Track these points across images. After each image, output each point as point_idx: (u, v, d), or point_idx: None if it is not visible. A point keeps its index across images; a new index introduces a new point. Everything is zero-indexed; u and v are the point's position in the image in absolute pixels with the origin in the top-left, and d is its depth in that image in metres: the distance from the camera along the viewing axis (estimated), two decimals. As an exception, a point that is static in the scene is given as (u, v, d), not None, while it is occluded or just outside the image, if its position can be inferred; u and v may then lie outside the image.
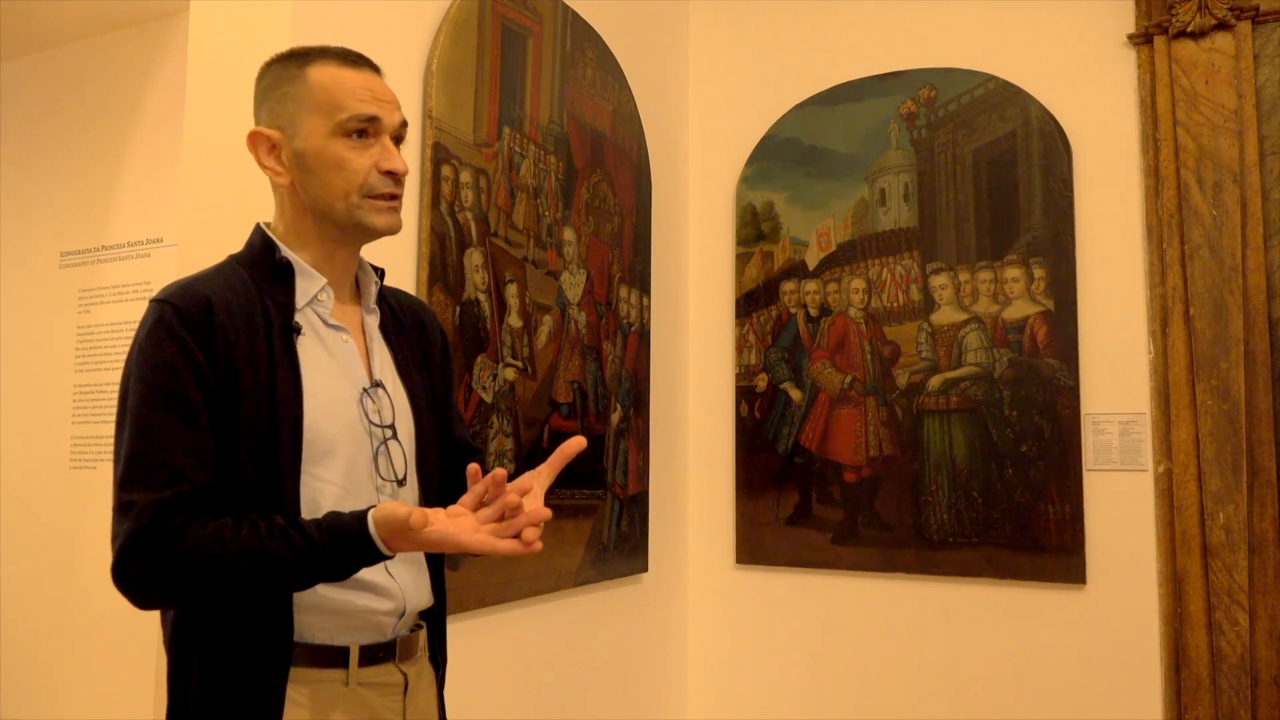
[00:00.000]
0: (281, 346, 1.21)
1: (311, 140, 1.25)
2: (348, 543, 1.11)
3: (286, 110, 1.27)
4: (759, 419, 2.96)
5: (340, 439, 1.22)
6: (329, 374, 1.24)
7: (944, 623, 2.70)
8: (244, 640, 1.15)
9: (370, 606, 1.23)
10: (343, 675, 1.20)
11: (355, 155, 1.25)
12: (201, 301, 1.18)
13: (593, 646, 2.54)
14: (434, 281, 1.98)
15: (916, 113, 2.87)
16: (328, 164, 1.24)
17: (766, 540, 2.91)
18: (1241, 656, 2.37)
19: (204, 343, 1.16)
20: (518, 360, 2.22)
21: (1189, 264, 2.50)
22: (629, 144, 2.76)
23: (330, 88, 1.26)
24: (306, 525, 1.12)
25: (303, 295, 1.26)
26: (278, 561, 1.10)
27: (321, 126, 1.25)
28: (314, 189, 1.26)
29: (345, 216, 1.26)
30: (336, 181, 1.25)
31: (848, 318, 2.89)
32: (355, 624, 1.22)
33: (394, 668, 1.26)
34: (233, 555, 1.10)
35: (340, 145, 1.25)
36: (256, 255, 1.27)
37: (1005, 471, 2.65)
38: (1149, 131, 2.58)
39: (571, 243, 2.47)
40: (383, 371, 1.32)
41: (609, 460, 2.57)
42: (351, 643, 1.21)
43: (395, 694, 1.26)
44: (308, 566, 1.11)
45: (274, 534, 1.11)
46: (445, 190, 2.03)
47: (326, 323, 1.28)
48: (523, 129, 2.28)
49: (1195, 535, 2.43)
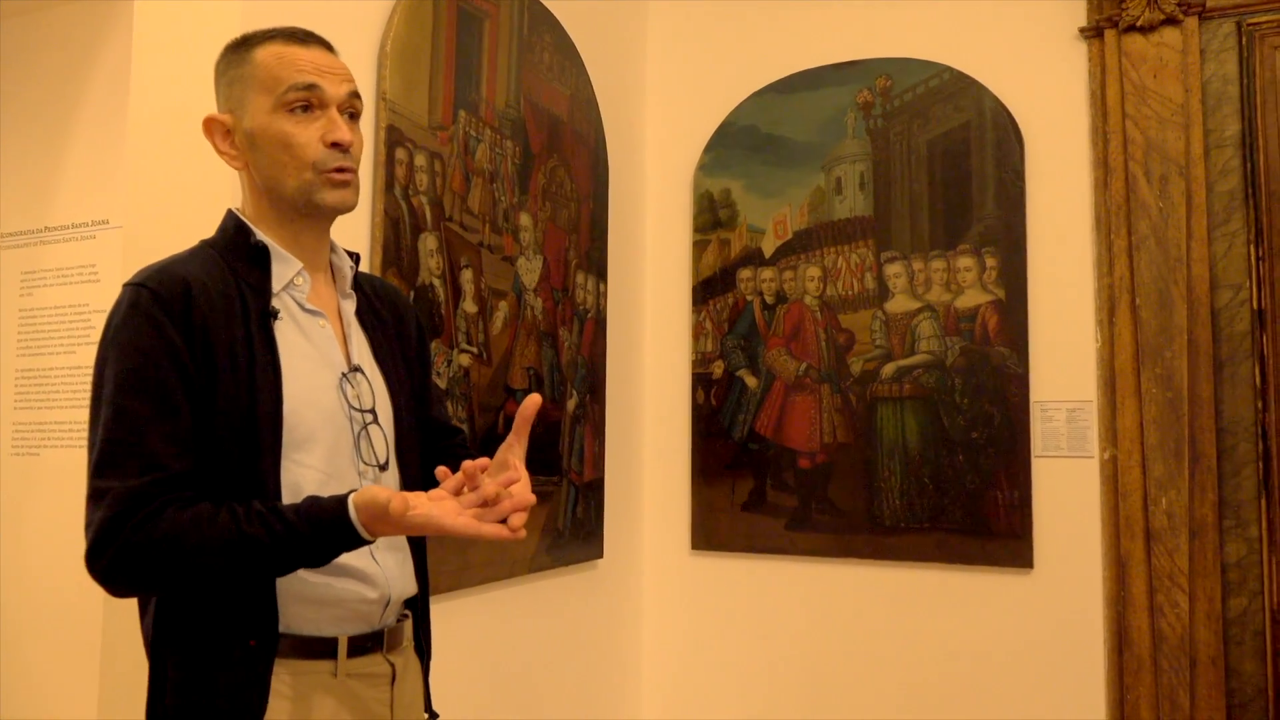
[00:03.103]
0: (259, 331, 1.20)
1: (257, 118, 1.24)
2: (328, 527, 1.10)
3: (235, 92, 1.26)
4: (715, 406, 2.99)
5: (321, 424, 1.22)
6: (307, 359, 1.24)
7: (896, 607, 2.75)
8: (228, 631, 1.14)
9: (357, 595, 1.22)
10: (331, 666, 1.20)
11: (300, 130, 1.23)
12: (179, 284, 1.16)
13: (547, 633, 2.55)
14: (388, 266, 1.97)
15: (873, 102, 2.90)
16: (274, 141, 1.23)
17: (721, 526, 2.94)
18: (1181, 638, 2.45)
19: (182, 326, 1.14)
20: (473, 346, 2.22)
21: (1136, 255, 2.56)
22: (586, 130, 2.76)
23: (272, 64, 1.24)
24: (286, 510, 1.11)
25: (279, 279, 1.25)
26: (256, 546, 1.09)
27: (265, 103, 1.24)
28: (265, 168, 1.25)
29: (297, 194, 1.24)
30: (284, 158, 1.23)
31: (803, 305, 2.92)
32: (343, 614, 1.21)
33: (381, 658, 1.25)
34: (210, 541, 1.08)
35: (284, 121, 1.23)
36: (230, 239, 1.26)
37: (956, 458, 2.70)
38: (1099, 124, 2.64)
39: (528, 228, 2.47)
40: (361, 356, 1.32)
41: (565, 446, 2.58)
42: (339, 634, 1.21)
43: (383, 685, 1.25)
44: (287, 551, 1.10)
45: (252, 518, 1.09)
46: (399, 174, 2.02)
47: (304, 307, 1.27)
48: (478, 113, 2.28)
49: (1139, 520, 2.50)
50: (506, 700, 2.36)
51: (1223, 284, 2.52)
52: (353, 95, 1.28)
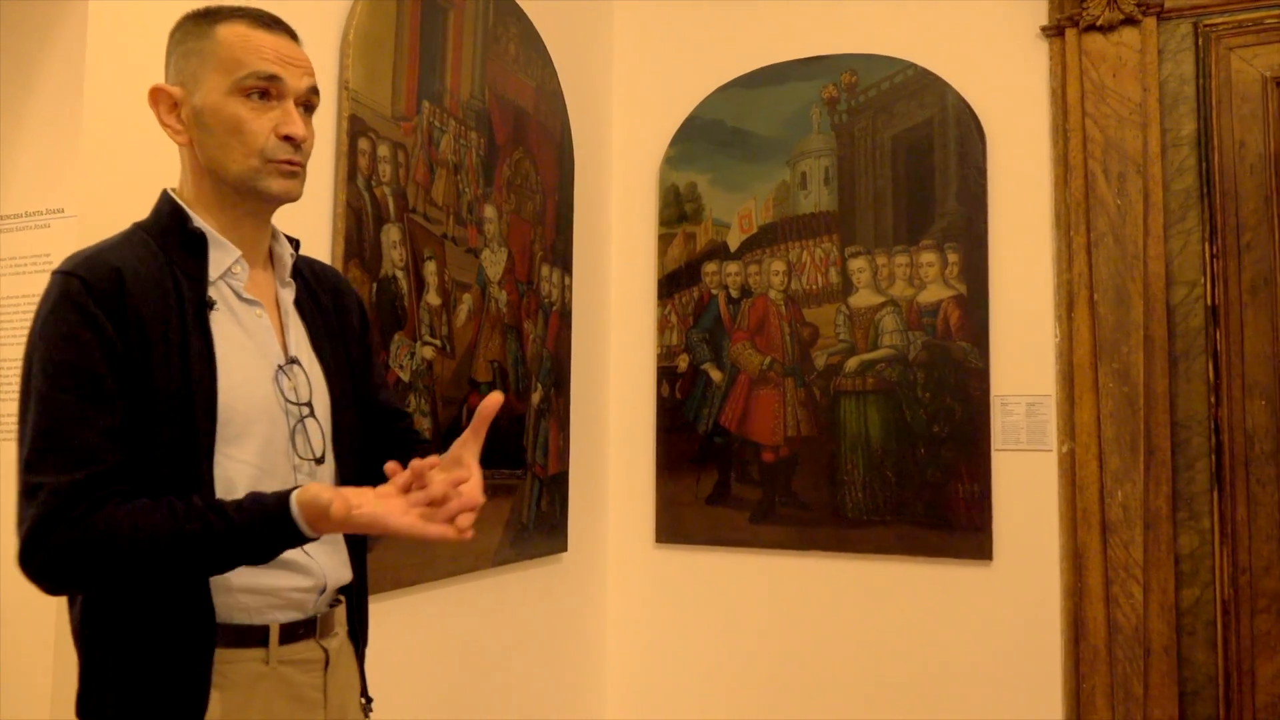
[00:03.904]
0: (195, 321, 1.18)
1: (210, 97, 1.21)
2: (269, 524, 1.09)
3: (190, 66, 1.23)
4: (680, 399, 3.01)
5: (256, 417, 1.20)
6: (243, 350, 1.22)
7: (858, 599, 2.79)
8: (163, 624, 1.13)
9: (290, 585, 1.22)
10: (263, 654, 1.19)
11: (254, 117, 1.21)
12: (111, 273, 1.14)
13: (512, 626, 2.56)
14: (350, 257, 1.97)
15: (838, 97, 2.93)
16: (225, 123, 1.21)
17: (686, 519, 2.96)
18: (1136, 628, 2.51)
19: (114, 316, 1.12)
20: (436, 339, 2.22)
21: (1094, 251, 2.62)
22: (552, 122, 2.77)
23: (235, 45, 1.22)
24: (227, 506, 1.10)
25: (216, 267, 1.23)
26: (195, 543, 1.08)
27: (221, 84, 1.21)
28: (210, 149, 1.22)
29: (241, 180, 1.22)
30: (233, 143, 1.21)
31: (768, 299, 2.95)
32: (276, 602, 1.21)
33: (315, 644, 1.25)
34: (149, 537, 1.07)
35: (239, 105, 1.21)
36: (166, 224, 1.24)
37: (918, 451, 2.74)
38: (1059, 122, 2.69)
39: (492, 220, 2.47)
40: (298, 347, 1.31)
41: (529, 439, 2.59)
42: (271, 621, 1.20)
43: (316, 670, 1.25)
44: (226, 548, 1.10)
45: (192, 515, 1.08)
46: (362, 164, 2.01)
47: (241, 296, 1.25)
48: (443, 103, 2.27)
49: (1095, 512, 2.56)
50: (470, 695, 2.37)
51: (1178, 281, 2.58)
52: (311, 90, 1.27)
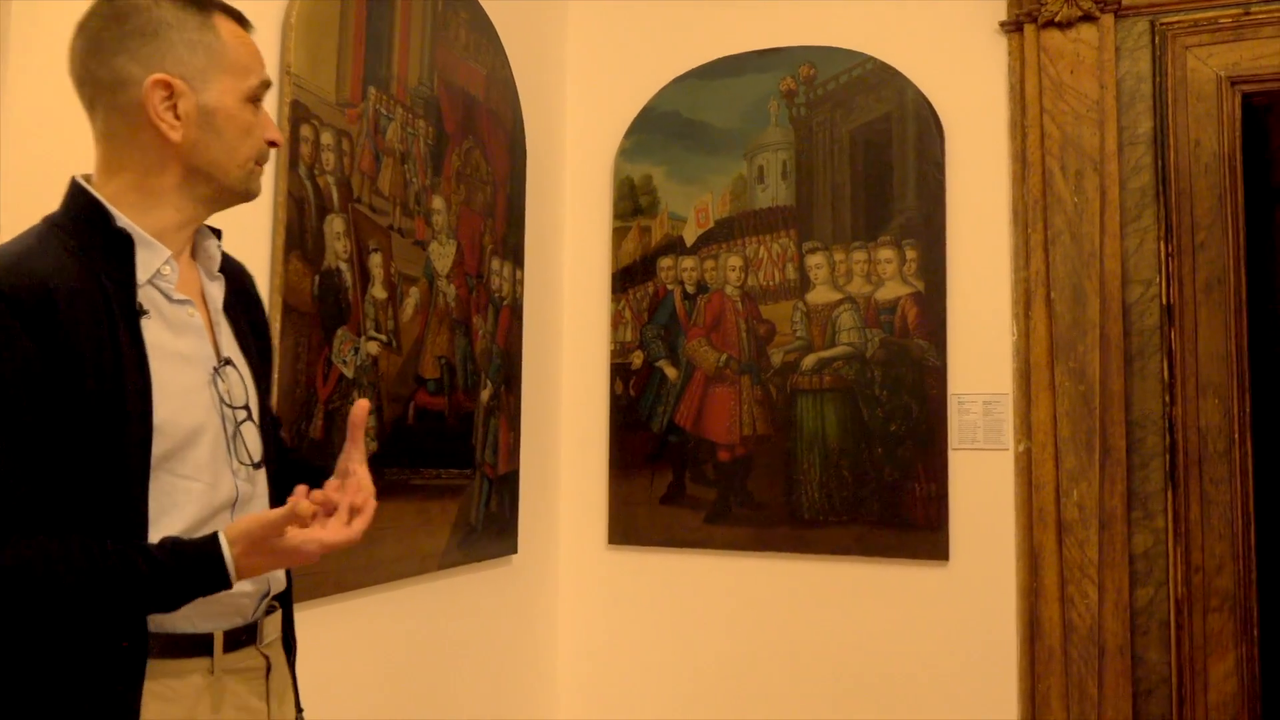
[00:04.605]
0: (126, 333, 1.10)
1: (225, 100, 1.20)
2: (193, 564, 1.07)
3: (196, 61, 1.18)
4: (634, 397, 2.97)
5: (198, 431, 1.16)
6: (177, 359, 1.16)
7: (814, 600, 2.78)
8: (95, 633, 1.07)
9: (237, 590, 1.17)
10: (207, 664, 1.16)
11: (255, 122, 1.24)
12: (37, 287, 1.05)
13: (459, 631, 2.51)
14: (291, 249, 1.91)
15: (796, 90, 2.92)
16: (239, 128, 1.21)
17: (639, 520, 2.93)
18: (1090, 628, 2.52)
19: (39, 335, 1.04)
20: (381, 334, 2.17)
21: (1051, 249, 2.63)
22: (503, 110, 2.72)
23: (239, 49, 1.23)
24: (146, 548, 1.07)
25: (144, 269, 1.15)
26: (112, 585, 1.05)
27: (235, 87, 1.21)
28: (215, 151, 1.20)
29: (239, 182, 1.23)
30: (243, 148, 1.22)
31: (724, 295, 2.92)
32: (219, 609, 1.17)
33: (255, 651, 1.23)
34: (62, 577, 1.03)
35: (247, 110, 1.23)
36: (84, 223, 1.15)
37: (875, 450, 2.74)
38: (1017, 118, 2.70)
39: (441, 211, 2.42)
40: (229, 346, 1.26)
41: (478, 438, 2.54)
42: (214, 629, 1.17)
43: (258, 679, 1.23)
44: (144, 592, 1.06)
45: (108, 556, 1.04)
46: (304, 152, 1.96)
47: (170, 298, 1.19)
48: (389, 90, 2.22)
49: (1051, 512, 2.57)
50: (414, 705, 2.32)
51: (1134, 279, 2.60)
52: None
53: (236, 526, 1.09)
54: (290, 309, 1.90)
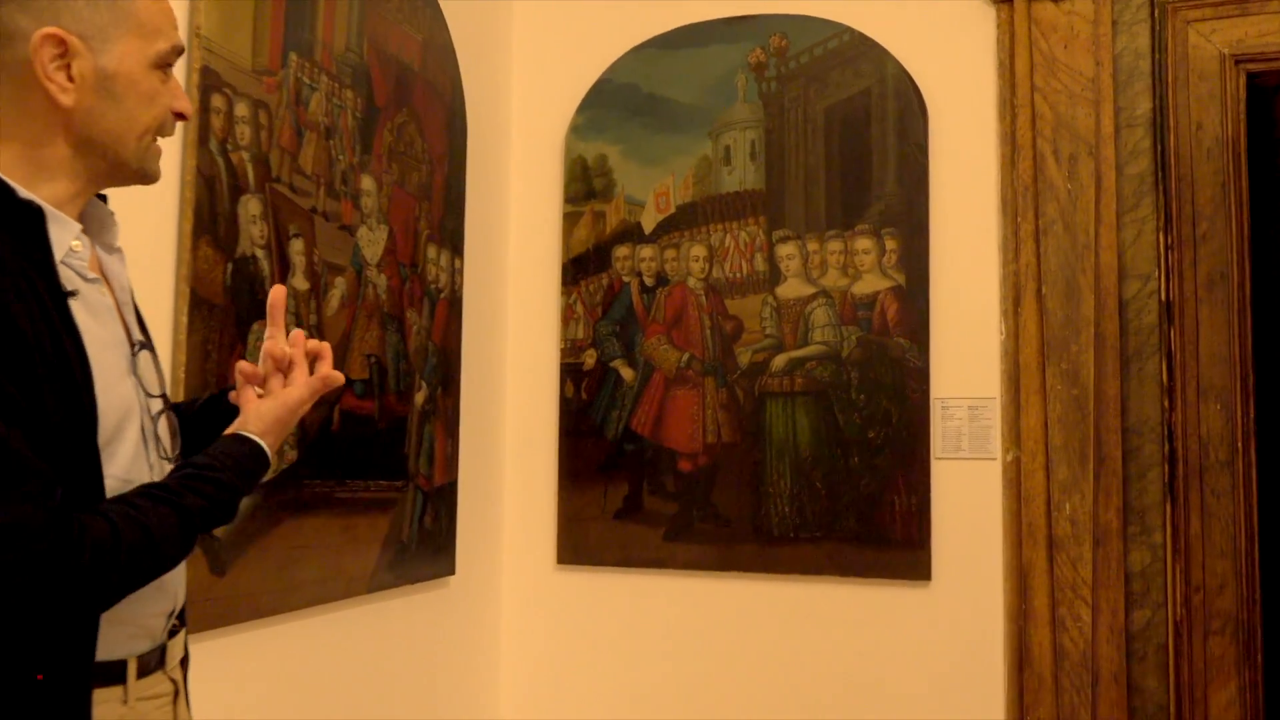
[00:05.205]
0: (57, 316, 1.11)
1: (127, 63, 1.20)
2: (250, 469, 1.24)
3: (97, 18, 1.18)
4: (586, 400, 2.99)
5: (125, 421, 1.18)
6: (101, 343, 1.17)
7: (784, 625, 2.81)
8: (13, 665, 1.06)
9: (149, 609, 1.22)
10: (120, 693, 1.18)
11: (163, 90, 1.24)
12: None
13: (389, 662, 2.51)
14: (200, 234, 1.90)
15: (766, 63, 2.95)
16: (140, 95, 1.21)
17: (592, 537, 2.94)
18: (1084, 654, 2.58)
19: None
20: (303, 329, 2.16)
21: (1043, 240, 2.68)
22: (442, 81, 2.72)
23: (152, 11, 1.23)
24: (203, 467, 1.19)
25: (59, 247, 1.16)
26: (201, 514, 1.17)
27: (140, 50, 1.21)
28: (111, 120, 1.19)
29: (133, 156, 1.23)
30: (144, 117, 1.22)
31: (686, 289, 2.95)
32: (132, 632, 1.20)
33: (164, 676, 1.26)
34: (164, 529, 1.13)
35: (154, 77, 1.23)
36: None
37: (851, 460, 2.78)
38: (1006, 96, 2.75)
39: (370, 193, 2.42)
40: (138, 328, 1.28)
41: (411, 446, 2.54)
42: (128, 655, 1.19)
43: (168, 705, 1.26)
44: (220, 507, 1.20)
45: (185, 488, 1.16)
46: (216, 124, 1.95)
47: (85, 277, 1.19)
48: (313, 57, 2.22)
49: (1041, 527, 2.62)
50: (340, 740, 2.32)
51: (1131, 274, 2.66)
52: None
53: (263, 416, 1.27)
54: (199, 301, 1.89)
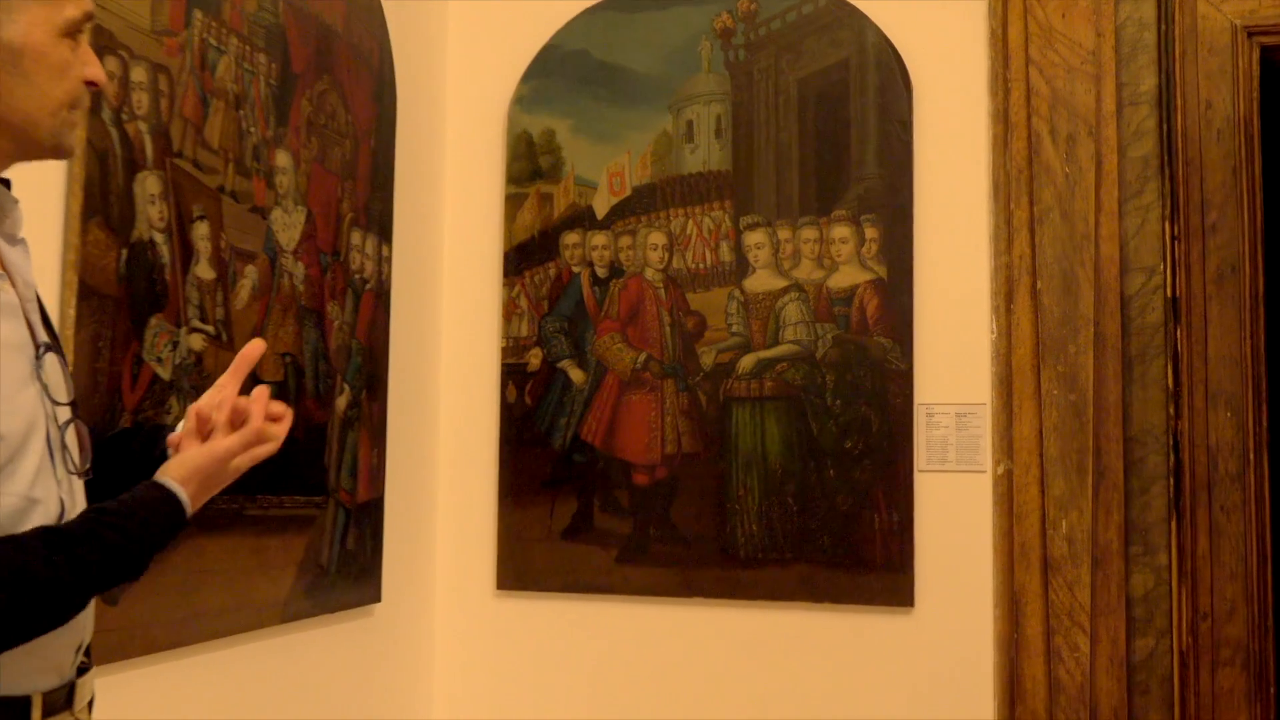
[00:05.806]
0: None
1: (33, 33, 1.20)
2: (160, 524, 1.22)
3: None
4: (530, 406, 2.98)
5: (30, 433, 1.18)
6: (5, 347, 1.17)
7: (751, 657, 2.82)
8: None
9: (60, 642, 1.21)
10: None
11: (73, 60, 1.24)
12: None
13: (307, 701, 2.49)
14: (90, 215, 1.87)
15: (733, 29, 2.95)
16: (50, 68, 1.22)
17: (536, 559, 2.93)
18: (1081, 687, 2.61)
19: None
20: (208, 324, 2.15)
21: (1038, 229, 2.71)
22: (368, 45, 2.70)
23: None
24: (104, 516, 1.19)
25: None
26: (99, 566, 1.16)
27: (47, 18, 1.21)
28: (19, 95, 1.20)
29: (48, 134, 1.24)
30: (55, 91, 1.23)
31: (643, 280, 2.95)
32: (38, 664, 1.19)
33: (70, 718, 1.25)
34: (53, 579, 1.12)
35: (61, 45, 1.23)
36: None
37: (826, 472, 2.79)
38: (999, 70, 2.77)
39: (286, 171, 2.40)
40: (42, 329, 1.28)
41: (332, 457, 2.53)
42: (33, 690, 1.19)
43: None
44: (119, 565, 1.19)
45: (85, 535, 1.15)
46: (109, 91, 1.92)
47: None
48: (221, 15, 2.20)
49: (1036, 548, 2.65)
50: (249, 790, 2.29)
51: (1134, 267, 2.69)
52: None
53: (185, 464, 1.26)
54: (89, 291, 1.86)
